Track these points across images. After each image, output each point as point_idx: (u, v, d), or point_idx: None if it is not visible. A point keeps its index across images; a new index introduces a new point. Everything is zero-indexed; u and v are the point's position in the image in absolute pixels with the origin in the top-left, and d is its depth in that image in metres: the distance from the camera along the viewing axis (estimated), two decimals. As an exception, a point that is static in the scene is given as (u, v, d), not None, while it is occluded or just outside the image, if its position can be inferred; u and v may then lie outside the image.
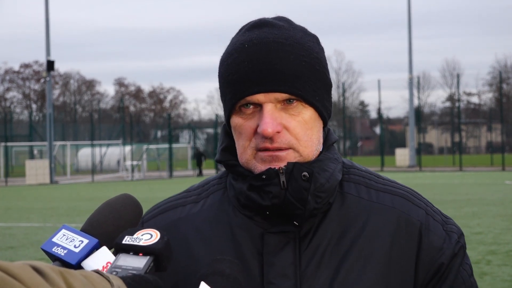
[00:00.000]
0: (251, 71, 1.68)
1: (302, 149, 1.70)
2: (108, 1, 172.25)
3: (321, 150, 1.77)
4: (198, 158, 52.26)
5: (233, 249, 1.73)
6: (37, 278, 1.20)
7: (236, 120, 1.73)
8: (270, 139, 1.67)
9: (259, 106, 1.69)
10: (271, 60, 1.67)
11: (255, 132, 1.69)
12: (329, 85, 1.77)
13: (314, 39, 1.77)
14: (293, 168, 1.68)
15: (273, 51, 1.68)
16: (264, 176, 1.69)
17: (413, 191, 1.83)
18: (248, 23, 1.76)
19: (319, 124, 1.74)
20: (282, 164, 1.69)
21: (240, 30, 1.77)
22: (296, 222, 1.71)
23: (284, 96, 1.68)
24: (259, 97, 1.68)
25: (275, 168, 1.68)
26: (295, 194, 1.69)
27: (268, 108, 1.68)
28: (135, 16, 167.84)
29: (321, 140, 1.77)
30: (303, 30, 1.76)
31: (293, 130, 1.69)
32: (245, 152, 1.72)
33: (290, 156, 1.69)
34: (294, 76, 1.68)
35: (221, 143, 1.81)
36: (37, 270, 1.22)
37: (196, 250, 1.76)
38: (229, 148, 1.79)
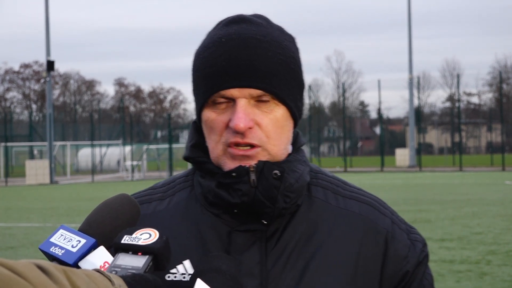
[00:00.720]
0: (228, 65, 1.67)
1: (271, 147, 1.70)
2: (108, 1, 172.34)
3: (290, 151, 1.77)
4: None
5: (200, 246, 1.72)
6: (42, 276, 1.21)
7: (208, 114, 1.71)
8: (242, 134, 1.67)
9: (232, 101, 1.69)
10: (248, 56, 1.67)
11: (227, 126, 1.69)
12: (302, 85, 1.77)
13: (291, 38, 1.77)
14: (264, 166, 1.68)
15: (251, 47, 1.68)
16: (234, 174, 1.68)
17: (379, 200, 1.84)
18: (226, 18, 1.76)
19: (289, 124, 1.74)
20: (252, 162, 1.68)
21: (217, 25, 1.76)
22: (265, 221, 1.71)
23: (258, 92, 1.68)
24: (234, 92, 1.67)
25: (245, 165, 1.68)
26: (265, 192, 1.68)
27: (242, 103, 1.67)
28: (135, 16, 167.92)
29: (290, 141, 1.77)
30: (280, 29, 1.76)
31: (265, 127, 1.69)
32: (216, 147, 1.71)
33: (260, 155, 1.69)
34: (270, 73, 1.68)
35: (191, 140, 1.80)
36: (41, 268, 1.23)
37: None
38: (199, 145, 1.77)
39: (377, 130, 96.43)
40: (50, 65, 46.28)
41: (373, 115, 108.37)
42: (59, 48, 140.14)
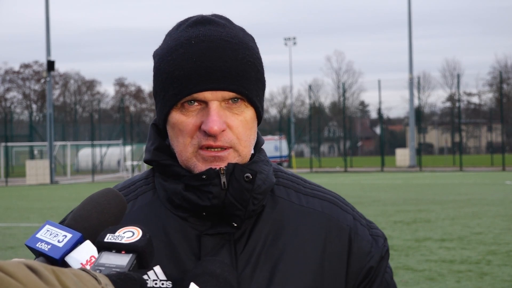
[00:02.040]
0: (200, 68, 1.65)
1: (241, 148, 1.70)
2: (109, 1, 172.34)
3: (252, 152, 1.77)
4: None
5: (169, 251, 1.70)
6: (32, 276, 1.21)
7: (176, 117, 1.69)
8: (214, 137, 1.66)
9: (203, 103, 1.67)
10: (220, 58, 1.66)
11: (197, 129, 1.68)
12: (264, 86, 1.77)
13: (253, 39, 1.77)
14: (234, 168, 1.67)
15: (221, 49, 1.67)
16: (204, 176, 1.67)
17: (339, 196, 1.86)
18: (188, 20, 1.74)
19: (255, 125, 1.75)
20: (223, 165, 1.68)
21: (179, 26, 1.74)
22: (235, 224, 1.70)
23: (231, 95, 1.67)
24: (206, 95, 1.66)
25: (215, 168, 1.67)
26: (236, 195, 1.68)
27: (215, 106, 1.66)
28: (136, 16, 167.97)
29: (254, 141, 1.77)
30: (242, 30, 1.76)
31: (235, 129, 1.68)
32: (185, 149, 1.69)
33: (231, 156, 1.69)
34: (241, 75, 1.68)
35: (152, 143, 1.77)
36: (31, 268, 1.22)
37: None
38: (162, 147, 1.75)
39: (377, 130, 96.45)
40: (50, 65, 46.29)
41: (373, 115, 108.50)
42: (59, 48, 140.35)
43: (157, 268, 1.69)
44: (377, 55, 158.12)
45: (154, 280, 1.68)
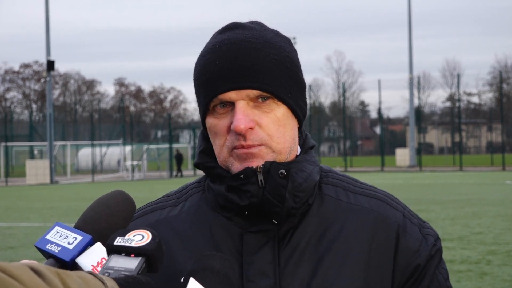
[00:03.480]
0: (221, 69, 1.69)
1: (274, 145, 1.71)
2: (109, 1, 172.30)
3: (298, 152, 1.78)
4: (178, 160, 52.12)
5: (212, 248, 1.74)
6: (36, 278, 1.20)
7: (210, 121, 1.74)
8: (244, 136, 1.68)
9: (232, 105, 1.70)
10: (241, 57, 1.69)
11: (229, 130, 1.70)
12: (302, 84, 1.77)
13: (286, 40, 1.78)
14: (270, 166, 1.70)
15: (243, 49, 1.70)
16: (242, 176, 1.70)
17: (390, 195, 1.85)
18: (222, 27, 1.78)
19: (292, 122, 1.75)
20: (257, 161, 1.70)
21: (214, 34, 1.78)
22: (275, 221, 1.72)
23: (255, 93, 1.69)
24: (231, 95, 1.69)
25: (252, 167, 1.70)
26: (272, 191, 1.70)
27: (240, 105, 1.69)
28: (136, 16, 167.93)
29: (297, 140, 1.78)
30: (274, 32, 1.78)
31: (265, 127, 1.70)
32: (222, 151, 1.73)
33: (263, 152, 1.70)
34: (264, 73, 1.69)
35: (199, 147, 1.82)
36: (35, 270, 1.22)
37: (176, 251, 1.77)
38: (207, 150, 1.80)
39: (377, 130, 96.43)
40: (50, 65, 46.28)
41: (373, 115, 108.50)
42: (59, 48, 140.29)
43: None
44: (377, 55, 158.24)
45: None
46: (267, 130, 1.70)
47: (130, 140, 60.10)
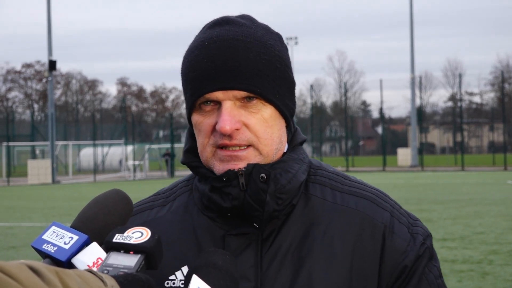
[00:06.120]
0: (209, 68, 1.66)
1: (262, 147, 1.68)
2: (111, 2, 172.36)
3: (285, 150, 1.76)
4: (170, 159, 52.00)
5: (196, 251, 1.71)
6: (34, 278, 1.20)
7: (196, 118, 1.72)
8: (229, 136, 1.66)
9: (218, 103, 1.68)
10: (230, 57, 1.66)
11: (214, 129, 1.68)
12: (291, 83, 1.75)
13: (277, 37, 1.75)
14: (252, 169, 1.67)
15: (232, 48, 1.66)
16: (224, 178, 1.68)
17: (380, 193, 1.80)
18: (211, 21, 1.75)
19: (280, 123, 1.72)
20: (241, 164, 1.68)
21: (203, 28, 1.76)
22: (256, 224, 1.70)
23: (243, 93, 1.66)
24: (218, 95, 1.67)
25: (234, 169, 1.67)
26: (253, 195, 1.67)
27: (227, 106, 1.66)
28: (138, 17, 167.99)
29: (284, 140, 1.75)
30: (265, 28, 1.74)
31: (253, 128, 1.67)
32: (204, 150, 1.71)
33: (250, 155, 1.68)
34: (253, 73, 1.66)
35: (185, 145, 1.80)
36: (33, 269, 1.21)
37: None
38: (193, 149, 1.78)
39: (379, 129, 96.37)
40: (52, 64, 46.30)
41: (375, 114, 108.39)
42: (61, 48, 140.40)
43: (185, 268, 1.71)
44: (379, 55, 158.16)
45: (181, 280, 1.70)
46: (254, 131, 1.68)
47: (131, 140, 60.09)
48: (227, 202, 1.69)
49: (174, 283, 1.70)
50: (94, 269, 1.41)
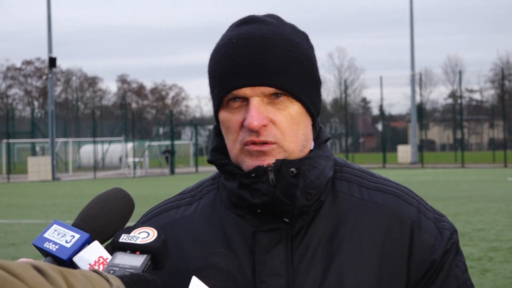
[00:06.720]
0: (237, 65, 1.68)
1: (287, 144, 1.70)
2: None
3: (311, 147, 1.77)
4: (171, 156, 51.99)
5: (224, 247, 1.72)
6: (38, 277, 1.19)
7: (223, 115, 1.73)
8: (257, 132, 1.67)
9: (246, 100, 1.69)
10: (257, 54, 1.68)
11: (242, 126, 1.69)
12: (317, 81, 1.76)
13: (303, 36, 1.77)
14: (281, 165, 1.68)
15: (259, 45, 1.68)
16: (253, 174, 1.69)
17: (406, 189, 1.83)
18: (238, 20, 1.77)
19: (306, 120, 1.74)
20: (269, 159, 1.69)
21: (230, 27, 1.77)
22: (287, 219, 1.71)
23: (270, 90, 1.68)
24: (246, 91, 1.68)
25: (263, 165, 1.68)
26: (283, 190, 1.68)
27: (255, 102, 1.68)
28: (138, 14, 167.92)
29: (310, 137, 1.77)
30: (292, 27, 1.77)
31: (279, 124, 1.69)
32: (234, 147, 1.72)
33: (275, 152, 1.69)
34: (280, 70, 1.68)
35: (212, 143, 1.81)
36: (38, 269, 1.21)
37: (189, 251, 1.76)
38: (220, 147, 1.78)
39: (379, 126, 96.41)
40: (52, 62, 46.29)
41: (375, 111, 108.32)
42: (61, 45, 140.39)
43: None
44: (379, 52, 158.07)
45: None
46: (281, 128, 1.69)
47: (132, 137, 60.09)
48: (257, 198, 1.70)
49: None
50: (96, 267, 1.41)
